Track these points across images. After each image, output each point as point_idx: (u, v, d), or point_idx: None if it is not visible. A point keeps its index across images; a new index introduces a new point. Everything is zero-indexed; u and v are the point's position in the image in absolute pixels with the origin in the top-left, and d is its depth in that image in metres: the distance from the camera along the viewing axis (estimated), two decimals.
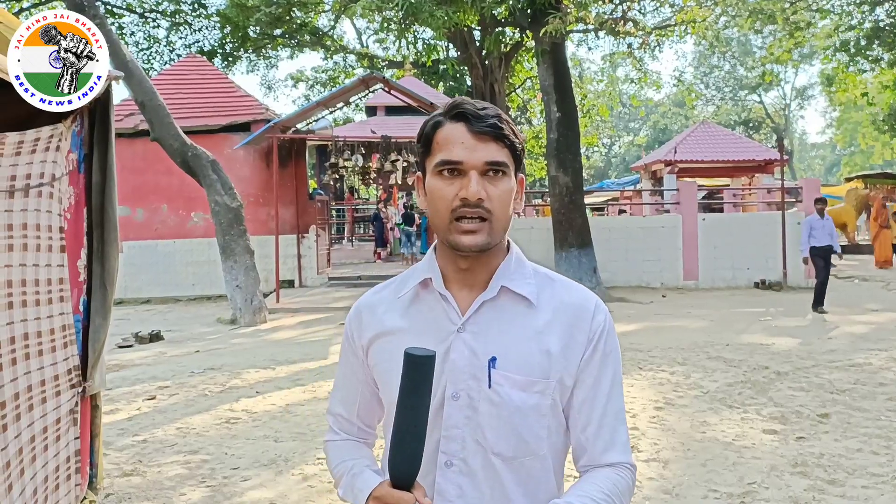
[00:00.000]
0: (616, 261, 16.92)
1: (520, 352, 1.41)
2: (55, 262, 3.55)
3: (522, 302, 1.44)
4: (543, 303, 1.45)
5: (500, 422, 1.41)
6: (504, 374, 1.40)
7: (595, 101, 38.28)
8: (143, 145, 15.23)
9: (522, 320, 1.43)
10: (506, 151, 1.39)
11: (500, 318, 1.44)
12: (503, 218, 1.40)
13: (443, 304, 1.46)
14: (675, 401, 6.80)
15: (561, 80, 15.49)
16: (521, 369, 1.40)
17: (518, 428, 1.41)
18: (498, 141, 1.38)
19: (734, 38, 52.02)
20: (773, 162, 24.48)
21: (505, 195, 1.39)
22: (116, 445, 5.76)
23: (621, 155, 70.41)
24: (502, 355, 1.41)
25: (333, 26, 31.60)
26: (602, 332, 1.47)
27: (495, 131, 1.37)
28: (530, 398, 1.41)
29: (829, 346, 9.29)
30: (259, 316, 12.75)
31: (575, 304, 1.47)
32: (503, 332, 1.43)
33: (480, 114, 1.38)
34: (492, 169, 1.37)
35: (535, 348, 1.41)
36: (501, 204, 1.39)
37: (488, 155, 1.37)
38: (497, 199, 1.38)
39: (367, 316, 1.57)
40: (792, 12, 23.94)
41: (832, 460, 5.06)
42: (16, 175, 3.19)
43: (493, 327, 1.43)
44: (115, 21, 26.48)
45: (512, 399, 1.40)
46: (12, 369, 3.12)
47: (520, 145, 1.42)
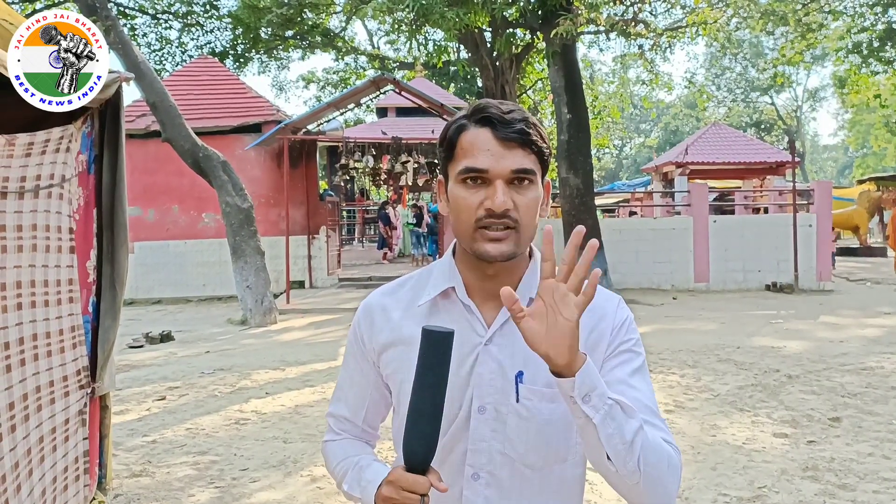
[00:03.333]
0: (627, 263, 16.87)
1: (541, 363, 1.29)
2: (64, 263, 3.56)
3: None
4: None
5: (529, 435, 1.38)
6: (532, 389, 1.37)
7: (606, 103, 38.19)
8: (154, 146, 15.28)
9: None
10: (533, 157, 1.33)
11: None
12: (530, 226, 1.35)
13: (467, 315, 1.42)
14: (686, 403, 6.77)
15: (572, 82, 15.46)
16: (548, 382, 1.32)
17: (549, 438, 1.38)
18: (525, 147, 1.32)
19: (746, 40, 51.87)
20: (785, 164, 24.36)
21: (532, 203, 1.34)
22: (126, 446, 5.78)
23: (632, 156, 70.29)
24: (530, 369, 1.37)
25: (345, 27, 31.62)
26: (622, 325, 1.41)
27: (522, 137, 1.31)
28: (559, 408, 1.36)
29: (841, 350, 9.23)
30: (269, 317, 12.76)
31: (596, 305, 1.39)
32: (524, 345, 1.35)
33: (507, 118, 1.32)
34: (518, 177, 1.32)
35: None
36: (528, 212, 1.34)
37: (515, 163, 1.31)
38: (524, 207, 1.33)
39: (379, 319, 1.51)
40: (804, 14, 23.83)
41: (843, 464, 5.03)
42: (26, 176, 3.20)
43: (520, 340, 1.30)
44: (127, 22, 26.58)
45: (542, 412, 1.37)
46: (21, 370, 3.12)
47: (547, 150, 1.37)
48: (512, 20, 17.95)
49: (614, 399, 1.22)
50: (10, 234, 3.08)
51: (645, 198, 26.77)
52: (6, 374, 3.00)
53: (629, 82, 44.06)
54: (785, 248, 16.57)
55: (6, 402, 2.98)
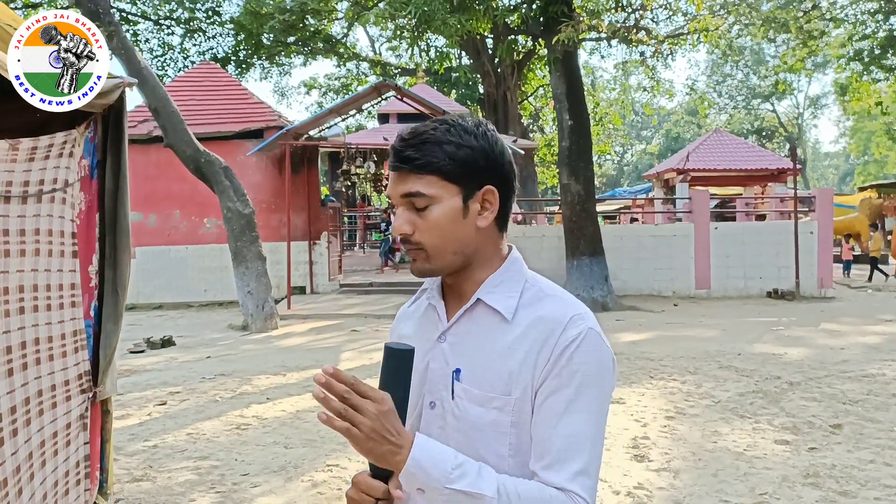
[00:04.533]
0: (628, 269, 16.87)
1: (485, 366, 1.37)
2: (67, 268, 3.57)
3: (496, 316, 1.39)
4: (521, 318, 1.38)
5: (459, 435, 1.38)
6: (464, 388, 1.38)
7: (607, 110, 38.26)
8: (156, 151, 15.30)
9: (494, 334, 1.38)
10: (430, 178, 1.35)
11: (476, 330, 1.41)
12: (439, 244, 1.37)
13: (433, 315, 1.48)
14: (687, 410, 6.77)
15: (573, 88, 15.49)
16: (481, 384, 1.36)
17: (475, 444, 1.36)
18: (415, 171, 1.35)
19: (747, 47, 51.88)
20: (786, 171, 24.38)
21: (435, 222, 1.36)
22: (127, 451, 5.78)
23: (633, 163, 70.34)
24: (468, 368, 1.39)
25: (346, 34, 31.74)
26: (569, 346, 1.32)
27: (405, 164, 1.35)
28: (488, 414, 1.35)
29: (842, 357, 9.23)
30: (270, 322, 12.77)
31: (549, 318, 1.35)
32: (475, 345, 1.40)
33: (397, 147, 1.37)
34: (411, 201, 1.36)
35: (500, 364, 1.35)
36: (432, 232, 1.36)
37: (404, 188, 1.35)
38: (426, 228, 1.36)
39: (396, 325, 1.62)
40: (805, 21, 23.87)
41: (844, 471, 5.02)
42: (29, 181, 3.21)
43: (469, 339, 1.40)
44: (129, 28, 26.67)
45: (469, 414, 1.37)
46: (23, 374, 3.13)
47: (451, 164, 1.35)
48: (514, 27, 18.01)
49: (452, 489, 1.23)
50: (13, 239, 3.09)
51: (646, 204, 26.76)
52: (8, 378, 3.00)
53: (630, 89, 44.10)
54: (786, 255, 16.58)
55: (8, 406, 2.98)
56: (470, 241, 1.39)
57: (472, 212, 1.38)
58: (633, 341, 10.83)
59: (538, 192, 33.26)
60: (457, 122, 1.39)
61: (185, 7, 27.89)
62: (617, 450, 5.62)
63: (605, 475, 5.02)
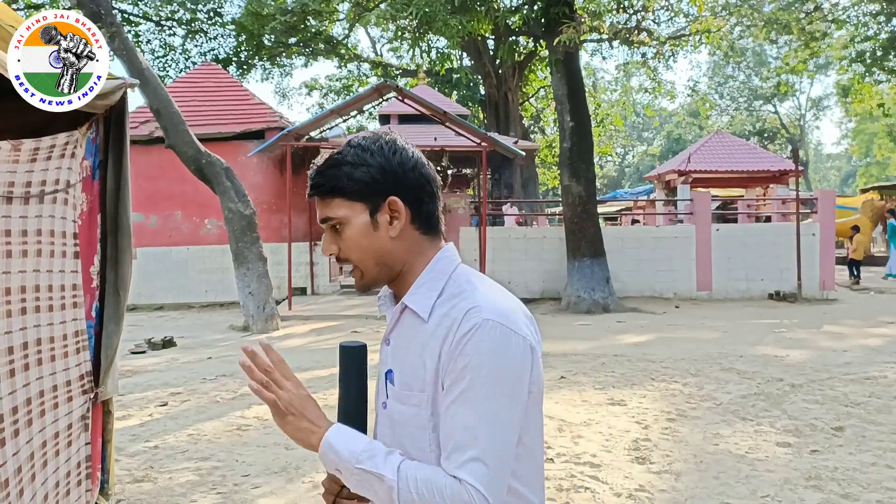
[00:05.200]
0: (629, 271, 16.86)
1: (407, 365, 1.45)
2: (69, 268, 3.57)
3: (417, 317, 1.46)
4: (434, 317, 1.43)
5: (391, 432, 1.48)
6: (392, 387, 1.48)
7: (609, 111, 38.27)
8: (157, 152, 15.30)
9: (416, 334, 1.45)
10: (336, 201, 1.46)
11: (405, 332, 1.49)
12: (364, 258, 1.48)
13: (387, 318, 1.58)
14: (688, 412, 6.76)
15: (574, 90, 15.48)
16: (403, 382, 1.45)
17: (401, 440, 1.45)
18: (323, 197, 1.47)
19: (749, 49, 51.89)
20: (788, 172, 24.36)
21: (353, 241, 1.47)
22: (128, 451, 5.78)
23: (635, 164, 70.33)
24: (396, 369, 1.48)
25: (348, 35, 31.78)
26: (462, 339, 1.35)
27: (314, 192, 1.48)
28: (408, 410, 1.44)
29: (844, 359, 9.22)
30: (271, 323, 12.77)
31: (452, 314, 1.39)
32: (402, 347, 1.48)
33: (310, 176, 1.49)
34: (329, 226, 1.49)
35: (418, 361, 1.42)
36: (354, 250, 1.47)
37: (321, 214, 1.49)
38: (347, 247, 1.48)
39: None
40: (808, 22, 23.88)
41: (846, 474, 5.02)
42: (31, 181, 3.21)
43: (400, 342, 1.50)
44: (131, 29, 26.71)
45: (394, 411, 1.47)
46: (25, 374, 3.13)
47: (351, 183, 1.44)
48: (515, 28, 18.02)
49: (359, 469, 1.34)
50: (14, 239, 3.09)
51: (647, 206, 26.75)
52: (10, 379, 3.00)
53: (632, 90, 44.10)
54: (788, 256, 16.56)
55: (10, 407, 2.98)
56: (388, 250, 1.48)
57: (381, 224, 1.46)
58: (634, 343, 10.82)
59: (539, 193, 33.24)
60: (357, 142, 1.49)
61: (187, 8, 27.94)
62: (618, 452, 5.62)
63: (607, 477, 5.01)
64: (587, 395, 7.50)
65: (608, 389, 7.74)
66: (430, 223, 1.51)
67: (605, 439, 5.95)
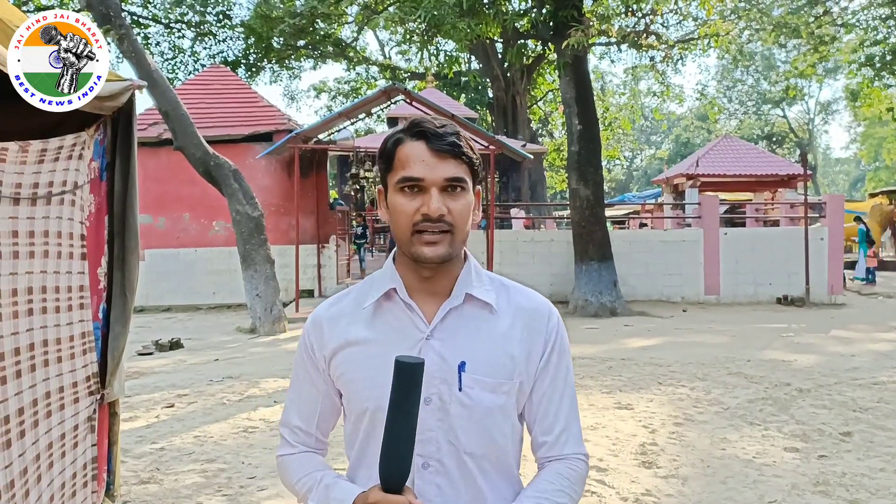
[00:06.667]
0: (637, 274, 16.82)
1: (487, 356, 1.49)
2: (76, 270, 3.57)
3: (486, 308, 1.52)
4: (503, 308, 1.53)
5: (470, 423, 1.49)
6: (473, 378, 1.48)
7: (617, 114, 38.25)
8: (166, 154, 15.35)
9: (487, 325, 1.51)
10: (465, 167, 1.46)
11: (467, 324, 1.51)
12: (463, 230, 1.48)
13: (408, 313, 1.53)
14: (696, 416, 6.73)
15: (583, 93, 15.46)
16: (489, 372, 1.49)
17: (488, 428, 1.50)
18: (457, 158, 1.45)
19: (758, 52, 51.79)
20: (797, 177, 24.30)
21: (465, 209, 1.47)
22: (134, 453, 5.78)
23: (643, 168, 70.22)
24: (471, 359, 1.49)
25: (356, 38, 31.81)
26: (557, 333, 1.57)
27: (454, 149, 1.44)
28: (498, 399, 1.50)
29: (853, 364, 9.18)
30: (278, 325, 12.78)
31: (531, 309, 1.57)
32: (470, 338, 1.50)
33: (440, 132, 1.44)
34: (451, 185, 1.44)
35: (501, 352, 1.50)
36: (462, 217, 1.46)
37: (448, 172, 1.44)
38: (458, 212, 1.45)
39: (327, 328, 1.59)
40: (817, 27, 23.81)
41: (854, 480, 4.99)
42: (38, 182, 3.21)
43: (461, 333, 1.50)
44: (140, 31, 26.79)
45: (483, 401, 1.49)
46: (31, 375, 3.13)
47: (477, 161, 1.50)
48: (523, 31, 18.02)
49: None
50: (22, 241, 3.09)
51: (655, 209, 26.72)
52: (16, 380, 3.00)
53: (640, 94, 44.06)
54: (796, 261, 16.49)
55: (16, 408, 2.98)
56: (468, 234, 1.52)
57: (474, 207, 1.51)
58: (641, 347, 10.79)
59: (546, 196, 33.22)
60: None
61: (196, 10, 28.02)
62: (625, 456, 5.60)
63: (614, 481, 5.00)
64: (594, 398, 7.48)
65: (615, 393, 7.72)
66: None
67: (611, 443, 5.93)
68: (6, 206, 2.99)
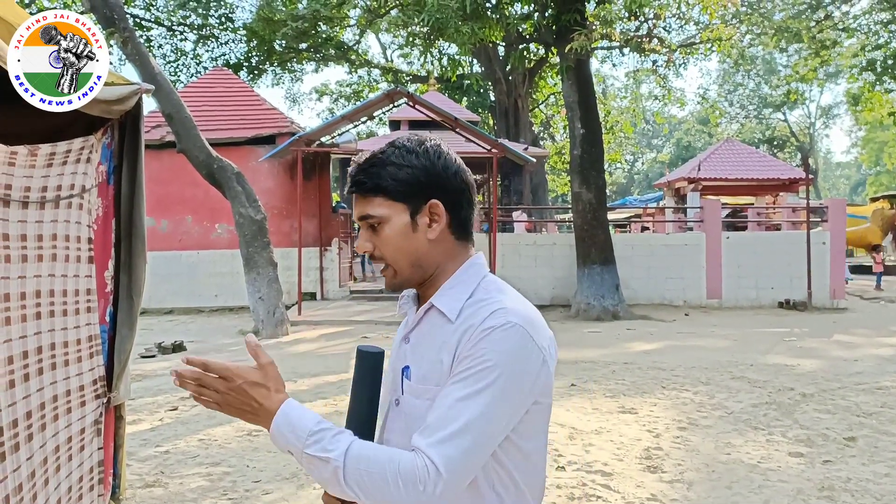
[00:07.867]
0: (639, 278, 16.82)
1: (425, 361, 1.47)
2: (83, 273, 3.58)
3: (443, 318, 1.47)
4: (462, 318, 1.44)
5: (405, 427, 1.47)
6: (408, 383, 1.49)
7: (619, 118, 38.24)
8: (169, 157, 15.35)
9: (439, 334, 1.46)
10: (377, 199, 1.47)
11: (428, 331, 1.50)
12: (399, 258, 1.49)
13: (406, 318, 1.61)
14: (699, 421, 6.73)
15: (585, 97, 15.47)
16: (420, 377, 1.46)
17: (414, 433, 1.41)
18: (365, 195, 1.48)
19: (759, 57, 51.78)
20: (798, 181, 24.28)
21: (389, 240, 1.48)
22: (139, 456, 5.78)
23: (644, 172, 70.20)
24: (414, 364, 1.49)
25: (359, 41, 31.85)
26: (481, 334, 1.36)
27: (358, 188, 1.49)
28: (422, 404, 1.43)
29: (856, 369, 9.17)
30: (281, 328, 12.77)
31: (478, 313, 1.41)
32: (424, 345, 1.50)
33: (352, 173, 1.50)
34: (367, 223, 1.49)
35: (435, 357, 1.44)
36: (388, 248, 1.48)
37: (360, 211, 1.49)
38: (382, 246, 1.49)
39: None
40: (818, 31, 23.83)
41: (859, 485, 4.98)
42: (47, 186, 3.22)
43: (422, 340, 1.51)
44: (143, 34, 26.81)
45: (409, 405, 1.48)
46: (38, 379, 3.13)
47: (395, 183, 1.46)
48: (526, 35, 18.03)
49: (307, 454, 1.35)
50: (30, 244, 3.10)
51: (657, 213, 26.68)
52: (24, 384, 3.01)
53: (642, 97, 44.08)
54: (798, 265, 16.49)
55: (24, 412, 2.99)
56: (424, 252, 1.50)
57: (421, 226, 1.49)
58: (644, 351, 10.79)
59: (549, 200, 33.22)
60: (402, 143, 1.50)
61: (199, 13, 28.05)
62: (629, 460, 5.60)
63: (619, 486, 4.99)
64: (598, 402, 7.48)
65: (619, 397, 7.72)
66: (465, 229, 1.55)
67: (616, 448, 5.93)
68: (15, 209, 2.99)
